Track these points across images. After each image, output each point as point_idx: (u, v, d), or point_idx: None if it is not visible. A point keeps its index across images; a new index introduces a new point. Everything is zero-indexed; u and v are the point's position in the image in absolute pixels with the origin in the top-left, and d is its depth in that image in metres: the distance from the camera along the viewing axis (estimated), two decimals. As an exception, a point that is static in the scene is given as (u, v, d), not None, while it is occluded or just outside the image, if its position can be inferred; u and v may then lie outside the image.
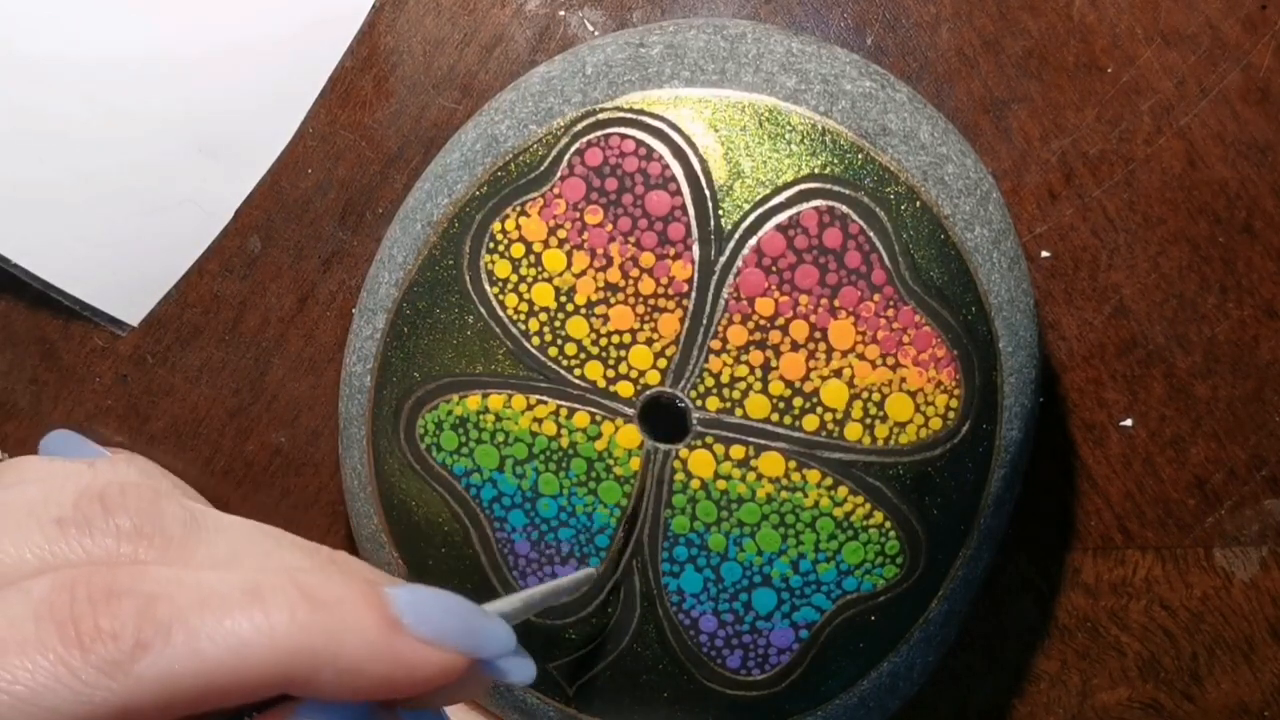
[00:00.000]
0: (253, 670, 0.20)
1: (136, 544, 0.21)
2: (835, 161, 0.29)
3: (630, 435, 0.30)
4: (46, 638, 0.19)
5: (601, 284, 0.30)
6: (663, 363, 0.30)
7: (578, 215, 0.30)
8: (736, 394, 0.30)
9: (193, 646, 0.19)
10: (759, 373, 0.30)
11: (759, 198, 0.29)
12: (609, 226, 0.30)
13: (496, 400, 0.31)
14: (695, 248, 0.30)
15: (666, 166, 0.30)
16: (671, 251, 0.30)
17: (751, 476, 0.30)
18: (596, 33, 0.35)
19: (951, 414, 0.30)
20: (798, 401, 0.30)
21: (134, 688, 0.19)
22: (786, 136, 0.29)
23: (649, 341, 0.30)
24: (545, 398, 0.31)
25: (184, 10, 0.34)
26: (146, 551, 0.21)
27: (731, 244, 0.29)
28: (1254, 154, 0.33)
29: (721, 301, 0.30)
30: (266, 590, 0.20)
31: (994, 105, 0.34)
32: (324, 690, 0.20)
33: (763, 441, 0.30)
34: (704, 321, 0.30)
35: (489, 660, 0.23)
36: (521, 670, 0.24)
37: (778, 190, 0.29)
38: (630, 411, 0.30)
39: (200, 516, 0.23)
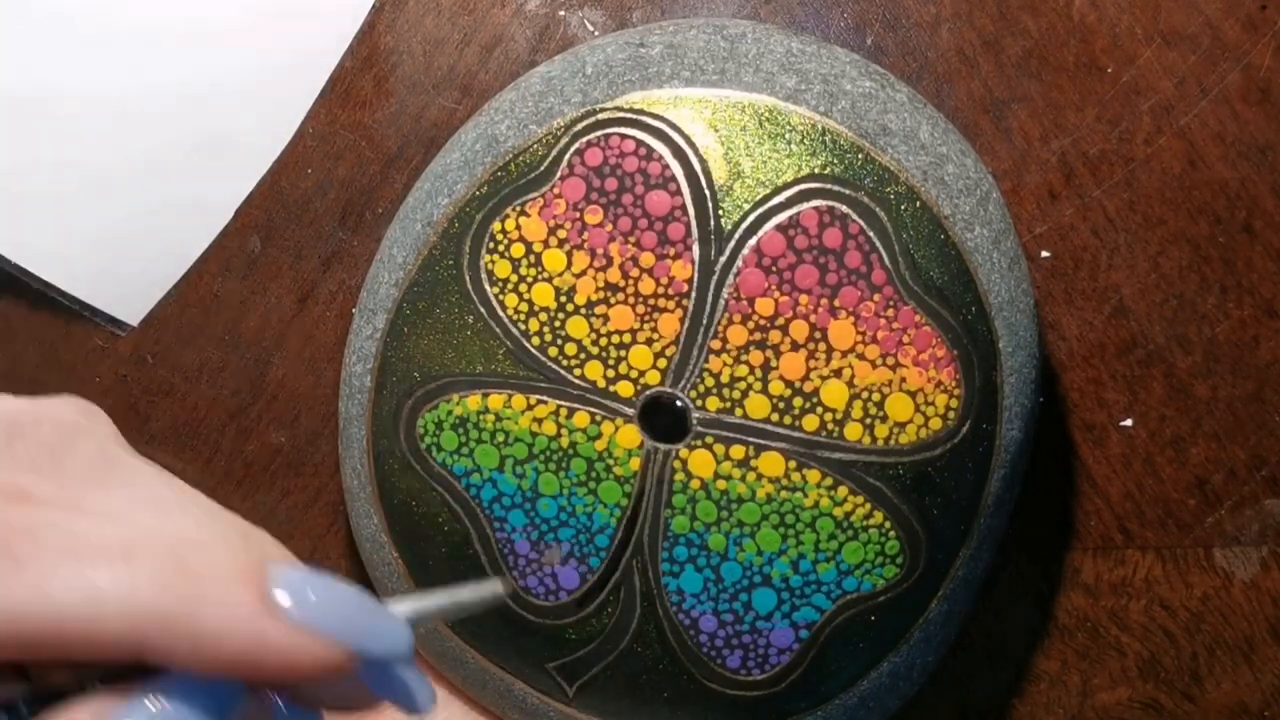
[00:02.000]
0: (102, 626, 0.19)
1: (29, 476, 0.21)
2: (835, 161, 0.29)
3: (630, 435, 0.30)
4: None
5: (601, 284, 0.30)
6: (663, 363, 0.30)
7: (578, 215, 0.30)
8: (736, 394, 0.30)
9: (42, 588, 0.19)
10: (759, 373, 0.30)
11: (759, 198, 0.29)
12: (609, 226, 0.30)
13: (496, 400, 0.31)
14: (695, 248, 0.30)
15: (666, 166, 0.30)
16: (671, 251, 0.30)
17: (751, 476, 0.30)
18: (596, 33, 0.35)
19: (951, 414, 0.30)
20: (798, 401, 0.30)
21: None
22: (786, 136, 0.29)
23: (649, 341, 0.30)
24: (545, 398, 0.31)
25: (184, 11, 0.34)
26: (37, 485, 0.21)
27: (731, 244, 0.29)
28: (1254, 154, 0.33)
29: (721, 301, 0.30)
30: (140, 550, 0.20)
31: (994, 105, 0.34)
32: (180, 662, 0.19)
33: (763, 441, 0.30)
34: (704, 321, 0.30)
35: (379, 663, 0.22)
36: (420, 691, 0.23)
37: (778, 190, 0.29)
38: (630, 411, 0.30)
39: (114, 463, 0.22)
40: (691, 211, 0.30)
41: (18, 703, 0.20)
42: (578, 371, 0.31)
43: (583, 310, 0.30)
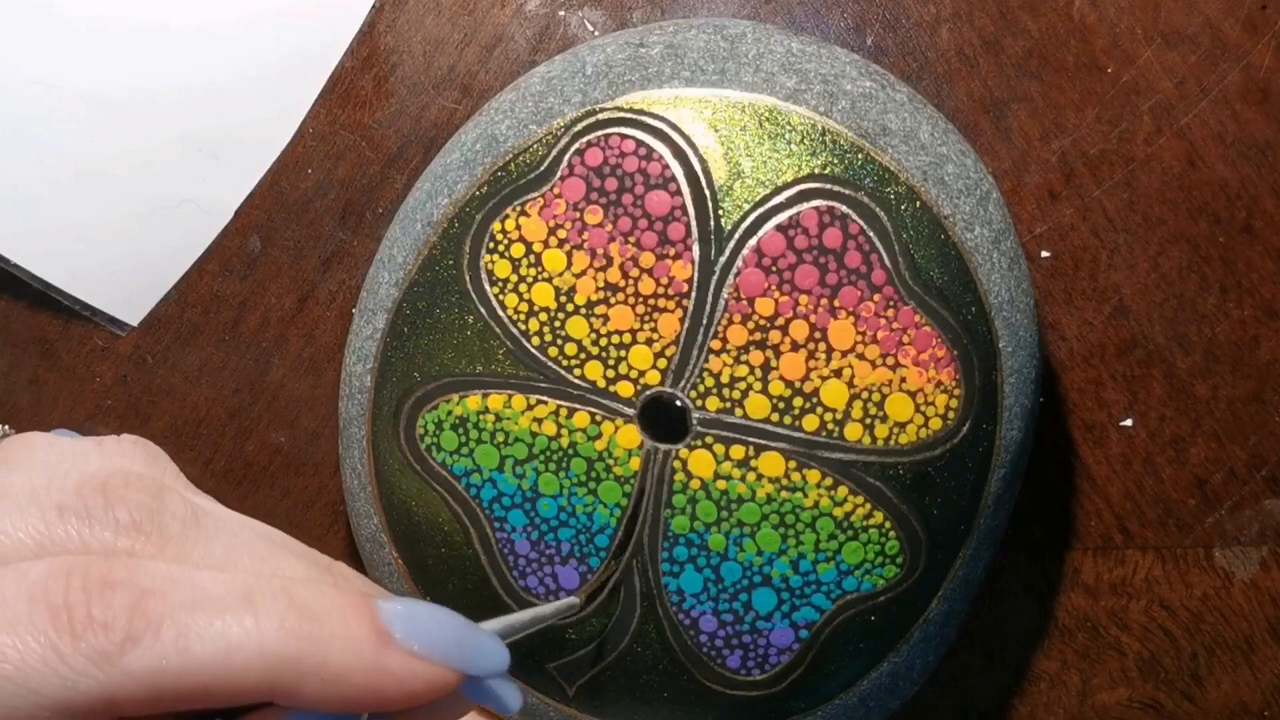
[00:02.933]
0: (238, 674, 0.20)
1: (134, 538, 0.22)
2: (835, 161, 0.29)
3: (630, 435, 0.30)
4: (39, 620, 0.19)
5: (601, 284, 0.30)
6: (663, 363, 0.30)
7: (578, 215, 0.30)
8: (736, 394, 0.30)
9: (181, 644, 0.19)
10: (759, 373, 0.30)
11: (759, 198, 0.29)
12: (609, 226, 0.30)
13: (496, 400, 0.31)
14: (695, 248, 0.30)
15: (666, 166, 0.30)
16: (671, 251, 0.30)
17: (751, 476, 0.30)
18: (596, 33, 0.35)
19: (951, 414, 0.30)
20: (798, 401, 0.30)
21: (120, 679, 0.19)
22: (786, 136, 0.29)
23: (649, 341, 0.30)
24: (545, 398, 0.31)
25: (184, 11, 0.34)
26: (144, 546, 0.21)
27: (731, 244, 0.29)
28: (1254, 154, 0.33)
29: (721, 301, 0.30)
30: (258, 596, 0.20)
31: (994, 105, 0.34)
32: (309, 699, 0.20)
33: (763, 441, 0.30)
34: (704, 321, 0.30)
35: (479, 680, 0.23)
36: (509, 696, 0.23)
37: (778, 190, 0.29)
38: (630, 411, 0.30)
39: (201, 514, 0.23)
40: (691, 211, 0.30)
41: None
42: (578, 371, 0.31)
43: (583, 310, 0.30)
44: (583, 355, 0.31)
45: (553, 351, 0.31)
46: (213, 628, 0.20)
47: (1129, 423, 0.35)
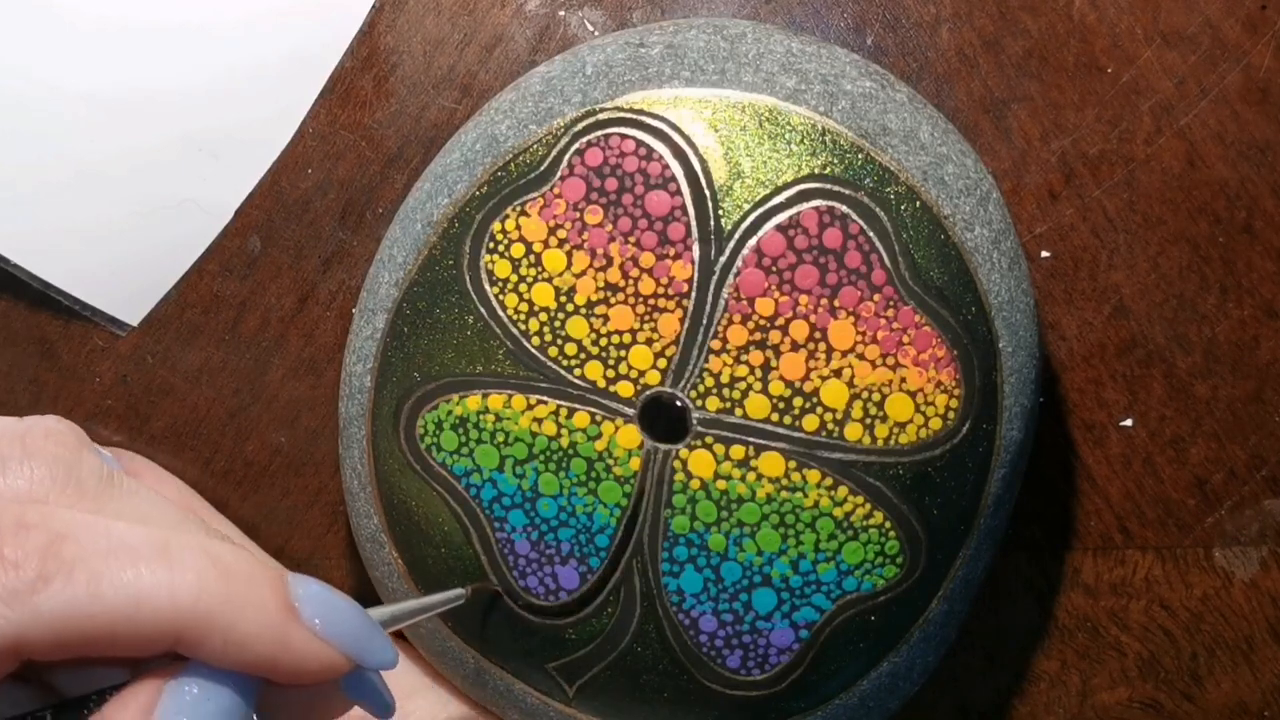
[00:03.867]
0: (149, 623, 0.20)
1: (49, 488, 0.22)
2: (835, 161, 0.29)
3: (630, 435, 0.30)
4: None
5: (601, 284, 0.30)
6: (663, 363, 0.30)
7: (578, 215, 0.30)
8: (736, 394, 0.30)
9: (94, 589, 0.19)
10: (759, 373, 0.30)
11: (759, 198, 0.29)
12: (609, 226, 0.30)
13: (496, 400, 0.31)
14: (695, 248, 0.30)
15: (666, 166, 0.30)
16: (671, 251, 0.30)
17: (751, 476, 0.30)
18: (596, 33, 0.35)
19: (951, 414, 0.30)
20: (798, 401, 0.30)
21: (29, 620, 0.19)
22: (786, 136, 0.29)
23: (649, 341, 0.30)
24: (545, 398, 0.31)
25: (184, 11, 0.34)
26: (59, 497, 0.22)
27: (731, 244, 0.29)
28: (1254, 154, 0.33)
29: (721, 301, 0.30)
30: (175, 548, 0.20)
31: (994, 105, 0.34)
32: (208, 656, 0.20)
33: (763, 441, 0.30)
34: (704, 321, 0.30)
35: (361, 674, 0.23)
36: (385, 694, 0.24)
37: (778, 190, 0.29)
38: (630, 411, 0.30)
39: (116, 476, 0.23)
40: (691, 211, 0.30)
41: (45, 715, 0.21)
42: (578, 371, 0.31)
43: (583, 310, 0.30)
44: (583, 355, 0.31)
45: (553, 351, 0.31)
46: (126, 573, 0.20)
47: (1129, 423, 0.35)
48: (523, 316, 0.31)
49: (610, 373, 0.30)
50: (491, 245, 0.31)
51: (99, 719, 0.20)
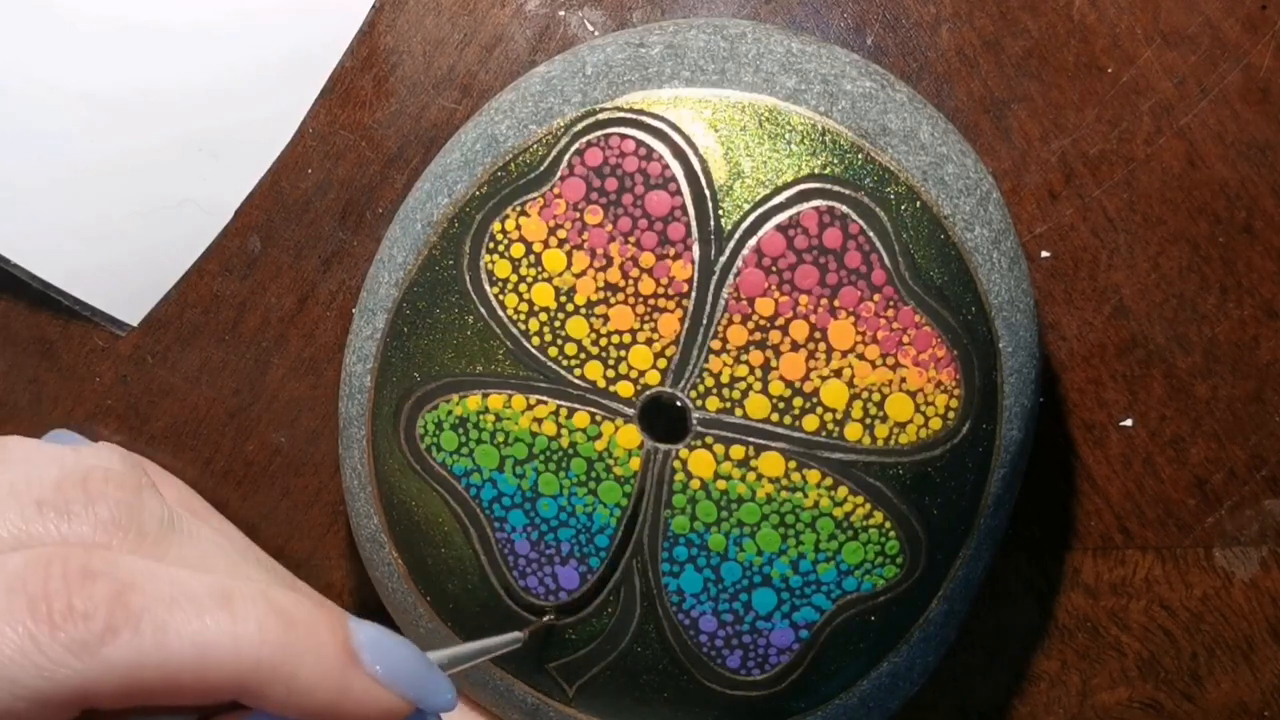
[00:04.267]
0: (213, 673, 0.20)
1: (112, 534, 0.21)
2: (835, 161, 0.29)
3: (630, 435, 0.30)
4: (17, 610, 0.19)
5: (601, 284, 0.30)
6: (663, 363, 0.30)
7: (578, 215, 0.30)
8: (736, 394, 0.30)
9: (160, 639, 0.19)
10: (759, 373, 0.30)
11: (759, 198, 0.29)
12: (609, 226, 0.30)
13: (496, 400, 0.31)
14: (695, 248, 0.30)
15: (666, 166, 0.30)
16: (671, 251, 0.30)
17: (751, 476, 0.30)
18: (596, 33, 0.35)
19: (951, 414, 0.30)
20: (798, 401, 0.30)
21: (98, 670, 0.19)
22: (786, 136, 0.29)
23: (649, 341, 0.30)
24: (545, 398, 0.31)
25: (184, 11, 0.34)
26: (121, 543, 0.21)
27: (731, 244, 0.29)
28: (1254, 154, 0.33)
29: (721, 301, 0.30)
30: (238, 598, 0.20)
31: (994, 105, 0.34)
32: (271, 706, 0.20)
33: (763, 441, 0.30)
34: (704, 321, 0.30)
35: (424, 716, 0.23)
36: None
37: (778, 190, 0.29)
38: (630, 411, 0.30)
39: (176, 519, 0.23)
40: (691, 211, 0.30)
41: None
42: (578, 371, 0.31)
43: (583, 310, 0.30)
44: (583, 355, 0.31)
45: (553, 351, 0.31)
46: (192, 625, 0.20)
47: (1129, 423, 0.35)
48: (523, 316, 0.31)
49: (610, 373, 0.30)
50: (491, 245, 0.31)
51: None
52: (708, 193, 0.30)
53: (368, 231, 0.36)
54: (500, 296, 0.31)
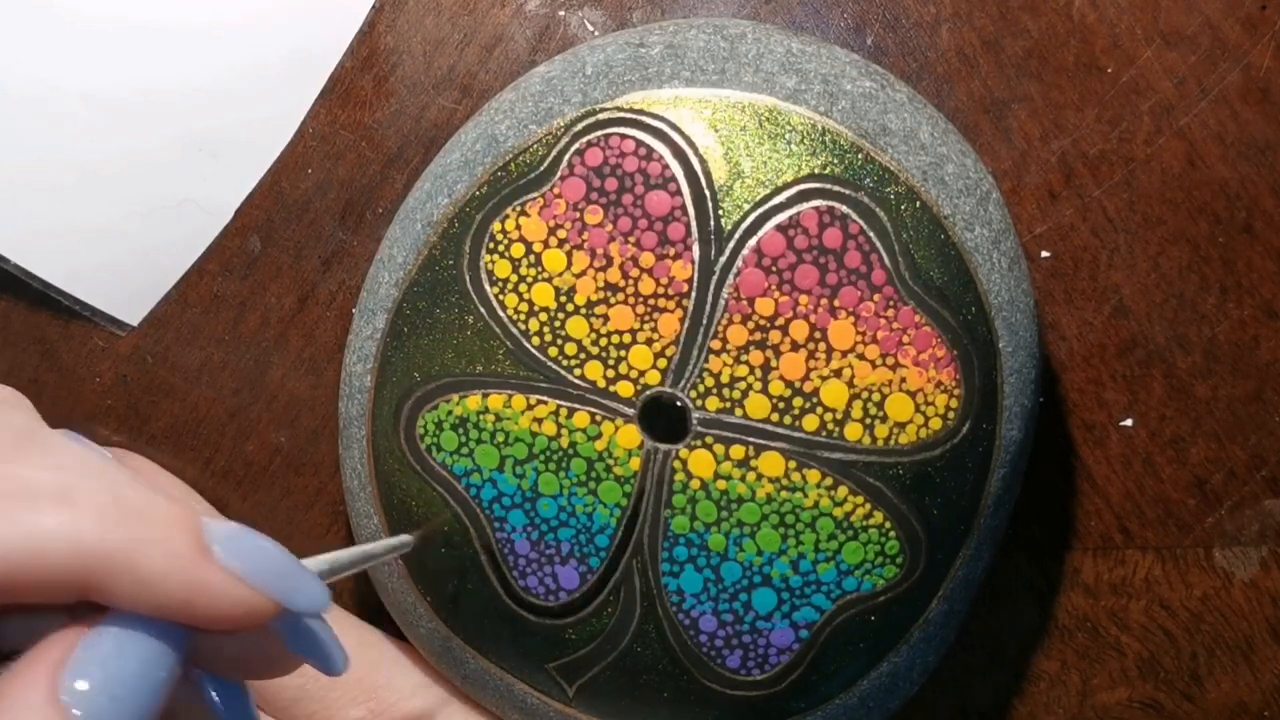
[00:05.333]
0: (48, 567, 0.19)
1: None
2: (835, 161, 0.29)
3: (630, 435, 0.30)
4: None
5: (601, 284, 0.30)
6: (663, 363, 0.30)
7: (578, 215, 0.30)
8: (736, 394, 0.30)
9: None
10: (759, 373, 0.30)
11: (759, 198, 0.29)
12: (609, 226, 0.30)
13: (496, 400, 0.31)
14: (695, 248, 0.30)
15: (666, 166, 0.30)
16: (671, 251, 0.30)
17: (751, 476, 0.30)
18: (596, 33, 0.35)
19: (951, 414, 0.30)
20: (798, 401, 0.30)
21: None
22: (786, 136, 0.29)
23: (649, 341, 0.30)
24: (545, 398, 0.31)
25: (184, 11, 0.34)
26: None
27: (731, 244, 0.29)
28: (1254, 154, 0.33)
29: (721, 301, 0.30)
30: (79, 493, 0.20)
31: (994, 105, 0.34)
32: (119, 601, 0.20)
33: (763, 441, 0.30)
34: (704, 321, 0.30)
35: (300, 623, 0.22)
36: (334, 652, 0.23)
37: (778, 190, 0.29)
38: (630, 411, 0.30)
39: (41, 433, 0.22)
40: (691, 211, 0.30)
41: None
42: (578, 371, 0.31)
43: (583, 310, 0.30)
44: (583, 355, 0.31)
45: (553, 351, 0.31)
46: (24, 517, 0.19)
47: (1129, 423, 0.35)
48: (523, 316, 0.31)
49: (610, 373, 0.30)
50: (491, 245, 0.31)
51: (7, 675, 0.20)
52: (708, 193, 0.30)
53: (368, 231, 0.36)
54: (500, 296, 0.31)
